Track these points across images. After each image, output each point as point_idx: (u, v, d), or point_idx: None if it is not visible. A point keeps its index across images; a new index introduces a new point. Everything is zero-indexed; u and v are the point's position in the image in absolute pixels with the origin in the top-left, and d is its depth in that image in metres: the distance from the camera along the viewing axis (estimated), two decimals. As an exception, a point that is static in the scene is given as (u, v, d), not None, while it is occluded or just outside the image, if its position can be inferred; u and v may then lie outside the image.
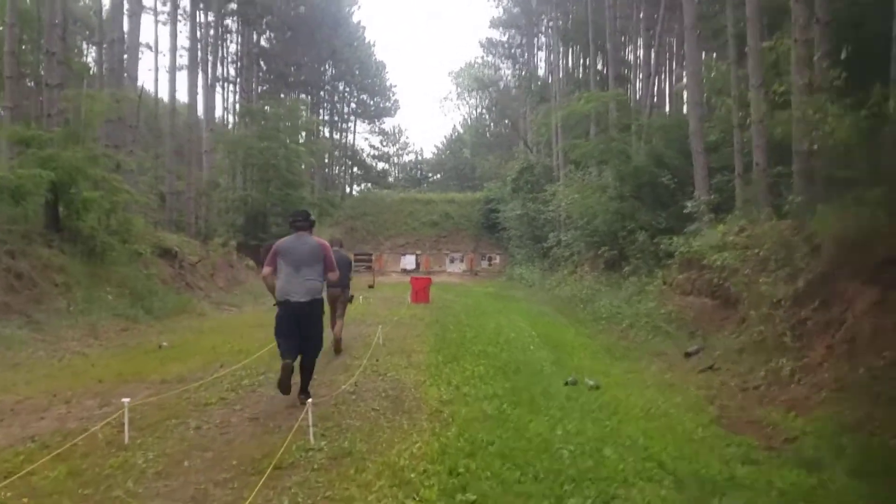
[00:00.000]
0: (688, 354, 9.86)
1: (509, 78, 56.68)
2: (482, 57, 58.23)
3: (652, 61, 25.75)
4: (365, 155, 64.31)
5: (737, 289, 9.99)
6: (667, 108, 28.60)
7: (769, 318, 8.61)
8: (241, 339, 11.26)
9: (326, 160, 52.91)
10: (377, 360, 9.10)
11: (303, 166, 34.08)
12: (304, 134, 34.52)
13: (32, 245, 12.86)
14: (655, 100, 26.81)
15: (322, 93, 56.14)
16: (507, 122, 61.10)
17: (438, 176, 71.99)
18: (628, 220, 17.32)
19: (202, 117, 33.68)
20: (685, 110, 20.25)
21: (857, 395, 5.96)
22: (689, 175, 14.92)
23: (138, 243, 16.48)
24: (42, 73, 18.36)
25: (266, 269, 6.49)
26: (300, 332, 6.45)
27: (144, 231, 17.65)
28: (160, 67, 70.30)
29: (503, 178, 41.40)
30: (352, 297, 10.61)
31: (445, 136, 75.46)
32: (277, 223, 30.24)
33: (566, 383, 7.67)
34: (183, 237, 21.27)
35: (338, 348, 9.68)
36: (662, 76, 30.93)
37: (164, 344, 10.59)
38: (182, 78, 38.77)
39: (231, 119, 46.05)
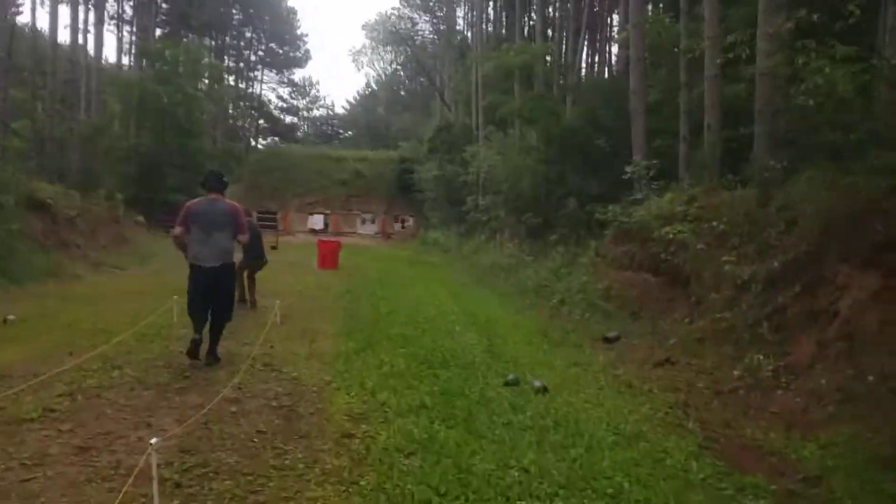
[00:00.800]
0: (606, 340, 8.65)
1: (427, 33, 54.29)
2: (398, 9, 55.43)
3: (584, 15, 24.43)
4: (272, 107, 60.54)
5: (691, 266, 8.82)
6: (597, 71, 27.51)
7: (735, 302, 7.45)
8: (110, 311, 9.31)
9: (231, 111, 49.25)
10: (271, 347, 7.36)
11: (204, 115, 31.00)
12: (206, 81, 31.29)
13: None
14: (588, 58, 25.61)
15: (227, 38, 51.99)
16: (422, 79, 59.13)
17: (350, 133, 69.10)
18: (556, 185, 16.06)
19: (92, 56, 29.93)
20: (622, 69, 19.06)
21: (875, 411, 4.79)
22: (627, 139, 13.68)
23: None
24: None
25: (177, 229, 6.49)
26: (211, 295, 6.49)
27: (9, 180, 14.80)
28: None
29: (419, 138, 39.60)
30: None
31: (358, 92, 72.48)
32: (174, 175, 27.38)
33: (506, 383, 6.20)
34: (62, 188, 18.35)
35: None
36: (597, 34, 29.75)
37: (11, 317, 8.34)
38: (65, 13, 34.39)
39: (127, 62, 41.72)
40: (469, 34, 41.57)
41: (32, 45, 30.01)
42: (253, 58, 56.07)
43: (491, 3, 36.30)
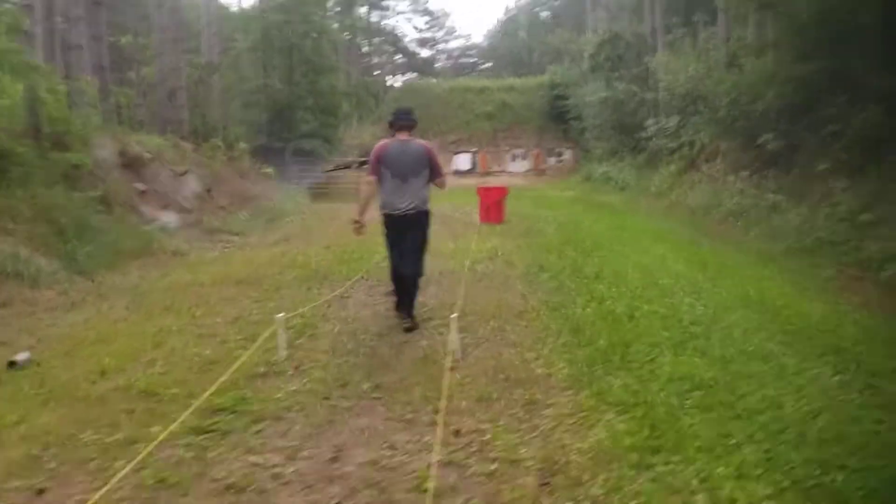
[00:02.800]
0: None
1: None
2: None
3: None
4: (408, 40, 56.89)
5: None
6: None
7: None
8: (186, 333, 5.74)
9: (366, 47, 46.14)
10: (452, 405, 3.62)
11: (336, 48, 27.82)
12: (336, 8, 27.88)
13: None
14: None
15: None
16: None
17: (490, 64, 64.18)
18: (824, 91, 10.94)
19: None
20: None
21: None
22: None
23: (81, 150, 11.10)
24: None
25: (370, 178, 5.62)
26: (403, 245, 5.63)
27: (96, 133, 12.17)
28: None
29: (575, 56, 34.32)
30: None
31: (498, 19, 67.17)
32: (307, 119, 24.55)
33: None
34: (170, 140, 15.76)
35: None
36: None
37: (22, 357, 5.09)
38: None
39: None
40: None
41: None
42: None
43: None
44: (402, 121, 5.66)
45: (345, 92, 25.01)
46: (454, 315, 5.04)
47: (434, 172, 5.71)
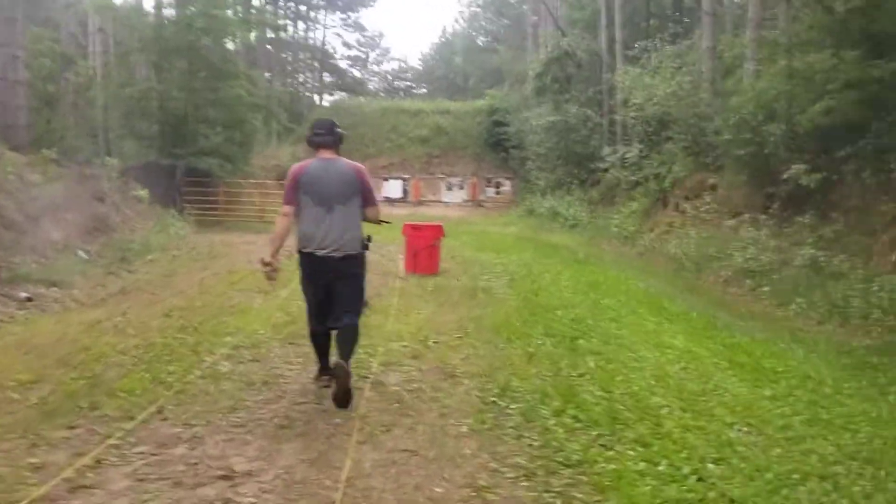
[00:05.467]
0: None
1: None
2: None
3: None
4: (338, 56, 53.24)
5: None
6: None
7: None
8: None
9: (289, 59, 42.23)
10: None
11: (234, 45, 23.83)
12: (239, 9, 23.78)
13: None
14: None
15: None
16: (505, 20, 50.75)
17: (425, 89, 61.14)
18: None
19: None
20: None
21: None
22: None
23: None
24: None
25: (286, 208, 4.44)
26: (334, 296, 4.45)
27: None
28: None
29: (518, 78, 31.46)
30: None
31: (433, 43, 64.53)
32: (205, 134, 20.43)
33: None
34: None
35: None
36: None
37: None
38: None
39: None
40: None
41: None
42: (314, -3, 48.59)
43: None
44: (322, 136, 4.56)
45: (252, 103, 20.92)
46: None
47: (366, 200, 4.60)
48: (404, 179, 32.90)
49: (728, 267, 9.79)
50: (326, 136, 4.55)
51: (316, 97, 47.44)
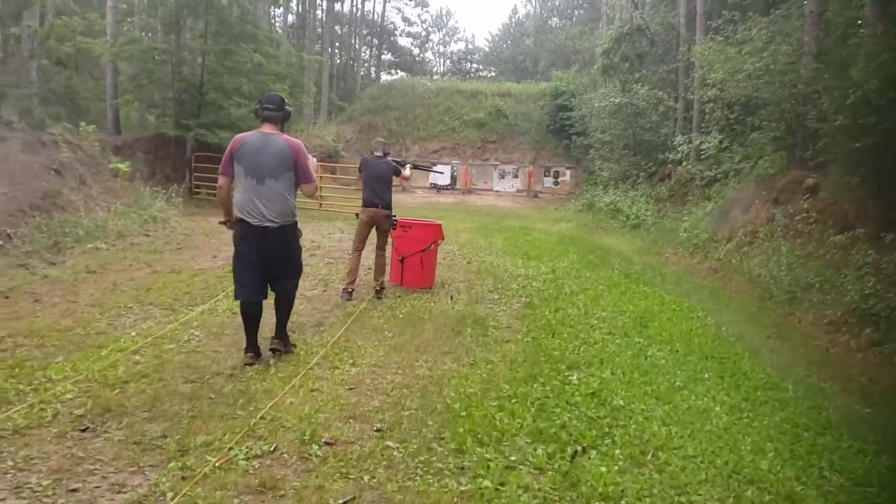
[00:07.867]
0: None
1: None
2: None
3: None
4: (399, 33, 50.81)
5: None
6: None
7: None
8: None
9: (341, 32, 40.06)
10: None
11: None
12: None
13: None
14: None
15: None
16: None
17: (492, 72, 58.09)
18: None
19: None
20: None
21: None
22: None
23: None
24: None
25: (221, 180, 4.69)
26: (268, 267, 4.68)
27: None
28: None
29: (587, 61, 28.32)
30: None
31: (503, 24, 61.35)
32: (221, 105, 18.38)
33: None
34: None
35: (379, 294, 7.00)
36: None
37: None
38: None
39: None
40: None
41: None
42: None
43: None
44: (271, 111, 4.66)
45: (274, 71, 18.69)
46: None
47: (300, 176, 4.69)
48: (453, 164, 30.28)
49: (835, 304, 6.86)
50: (275, 111, 4.67)
51: (373, 73, 45.21)
